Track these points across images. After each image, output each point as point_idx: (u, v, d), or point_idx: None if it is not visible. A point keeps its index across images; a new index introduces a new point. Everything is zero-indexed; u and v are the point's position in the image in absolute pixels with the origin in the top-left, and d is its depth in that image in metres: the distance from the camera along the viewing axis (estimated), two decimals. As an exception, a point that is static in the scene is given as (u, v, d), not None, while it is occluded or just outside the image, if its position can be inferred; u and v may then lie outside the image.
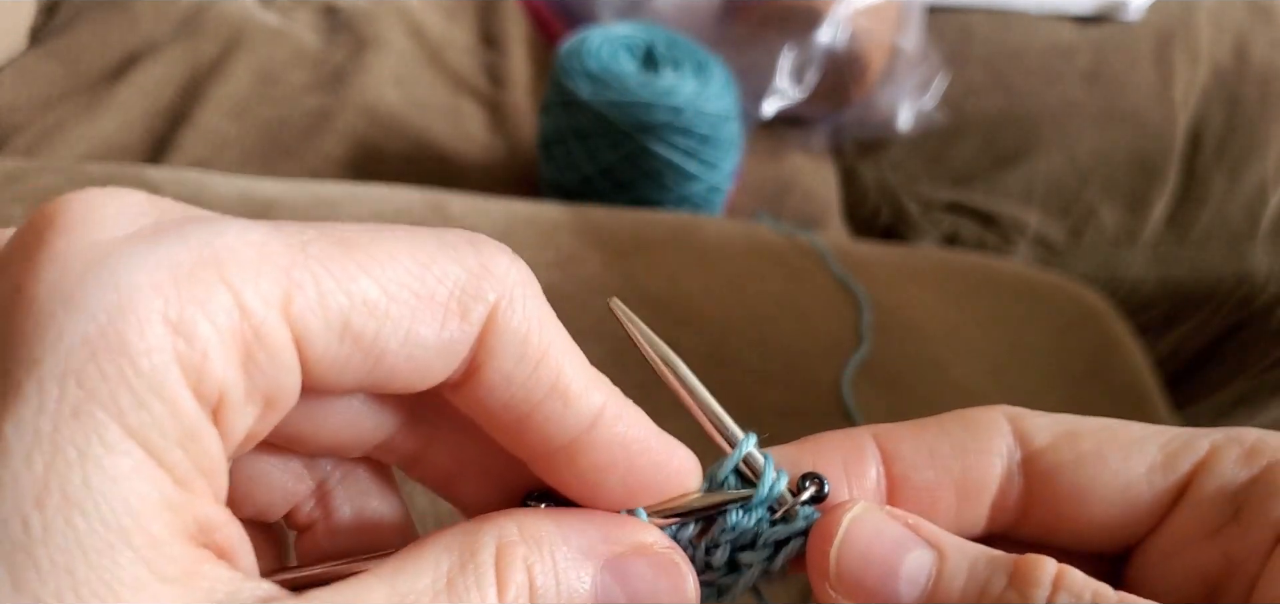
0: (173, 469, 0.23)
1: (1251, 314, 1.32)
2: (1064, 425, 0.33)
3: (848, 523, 0.30)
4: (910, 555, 0.30)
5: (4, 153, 1.10)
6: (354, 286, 0.25)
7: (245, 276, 0.24)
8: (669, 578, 0.30)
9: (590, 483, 0.30)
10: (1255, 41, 1.43)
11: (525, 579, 0.27)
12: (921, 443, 0.33)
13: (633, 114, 1.07)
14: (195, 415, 0.23)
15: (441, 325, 0.26)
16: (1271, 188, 1.33)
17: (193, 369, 0.23)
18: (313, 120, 1.21)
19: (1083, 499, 0.32)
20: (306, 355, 0.25)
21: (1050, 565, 0.28)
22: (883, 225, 1.37)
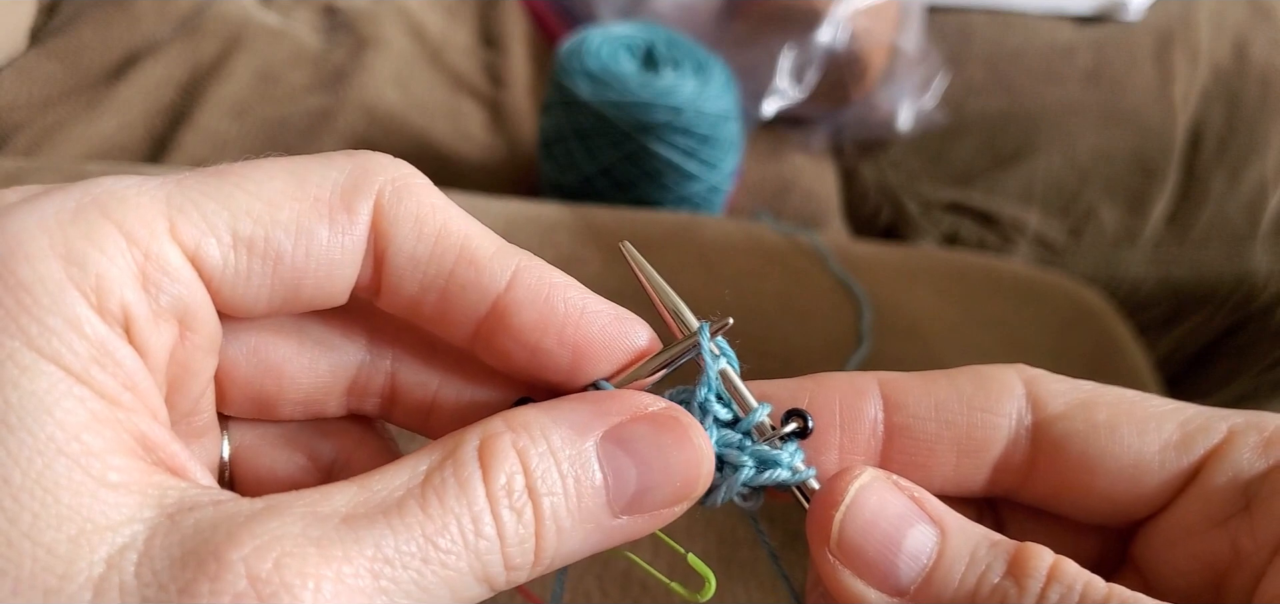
0: (94, 384, 0.24)
1: (1251, 314, 1.32)
2: (1081, 393, 0.32)
3: (855, 491, 0.30)
4: (913, 530, 0.29)
5: (4, 153, 1.10)
6: (234, 202, 0.27)
7: (126, 209, 0.26)
8: (673, 435, 0.30)
9: (532, 348, 0.30)
10: (1255, 41, 1.43)
11: (516, 465, 0.27)
12: (928, 395, 0.32)
13: (633, 114, 1.07)
14: (103, 333, 0.25)
15: (329, 220, 0.28)
16: (1271, 188, 1.33)
17: (90, 291, 0.24)
18: (313, 120, 1.21)
19: (1091, 471, 0.31)
20: (205, 270, 0.27)
21: (1046, 556, 0.28)
22: (883, 225, 1.37)
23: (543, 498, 0.27)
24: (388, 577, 0.25)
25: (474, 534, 0.26)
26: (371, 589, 0.24)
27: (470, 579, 0.26)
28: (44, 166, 0.91)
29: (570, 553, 0.28)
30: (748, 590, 0.67)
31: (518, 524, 0.27)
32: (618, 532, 0.29)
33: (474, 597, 0.27)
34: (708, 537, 0.69)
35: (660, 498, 0.29)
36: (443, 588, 0.26)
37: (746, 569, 0.68)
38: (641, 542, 0.30)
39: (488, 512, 0.26)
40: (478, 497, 0.26)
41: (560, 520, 0.27)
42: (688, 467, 0.29)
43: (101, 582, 0.22)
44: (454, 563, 0.26)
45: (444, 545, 0.26)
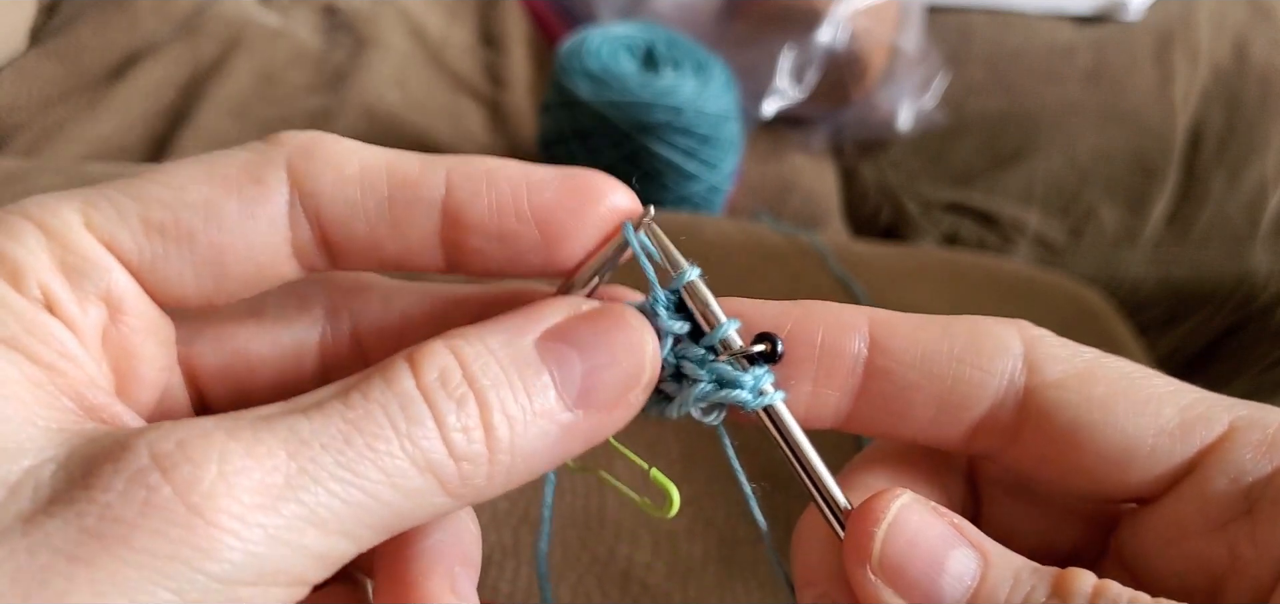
0: (25, 350, 0.26)
1: (1251, 314, 1.32)
2: (1082, 362, 0.31)
3: (897, 509, 0.29)
4: (955, 552, 0.29)
5: (4, 153, 1.10)
6: (145, 193, 0.29)
7: (43, 212, 0.28)
8: (610, 320, 0.29)
9: (498, 236, 0.30)
10: (1255, 41, 1.43)
11: (450, 358, 0.27)
12: (915, 342, 0.31)
13: (633, 114, 1.07)
14: (25, 306, 0.27)
15: (237, 194, 0.29)
16: (1271, 188, 1.33)
17: (7, 273, 0.27)
18: (313, 120, 1.21)
19: (1078, 447, 0.30)
20: (121, 253, 0.28)
21: (1089, 577, 0.27)
22: (883, 225, 1.37)
23: (486, 388, 0.27)
24: (305, 456, 0.24)
25: (404, 420, 0.26)
26: (287, 466, 0.24)
27: (408, 465, 0.26)
28: (44, 167, 0.91)
29: (531, 451, 0.27)
30: (747, 590, 0.67)
31: (459, 413, 0.26)
32: (578, 429, 0.28)
33: (422, 488, 0.26)
34: (708, 536, 0.69)
35: (610, 382, 0.29)
36: (375, 471, 0.25)
37: (746, 569, 0.68)
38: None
39: (419, 400, 0.26)
40: (406, 387, 0.26)
41: (507, 408, 0.27)
42: (631, 348, 0.29)
43: (16, 485, 0.23)
44: (384, 447, 0.25)
45: (370, 429, 0.25)
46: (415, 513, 0.26)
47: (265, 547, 0.23)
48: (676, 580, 0.66)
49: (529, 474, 0.28)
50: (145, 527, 0.23)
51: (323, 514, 0.24)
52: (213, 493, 0.23)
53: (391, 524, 0.26)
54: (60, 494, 0.23)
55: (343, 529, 0.25)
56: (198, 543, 0.23)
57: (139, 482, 0.23)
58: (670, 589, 0.66)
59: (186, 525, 0.23)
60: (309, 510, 0.24)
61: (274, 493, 0.24)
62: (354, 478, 0.25)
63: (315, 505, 0.24)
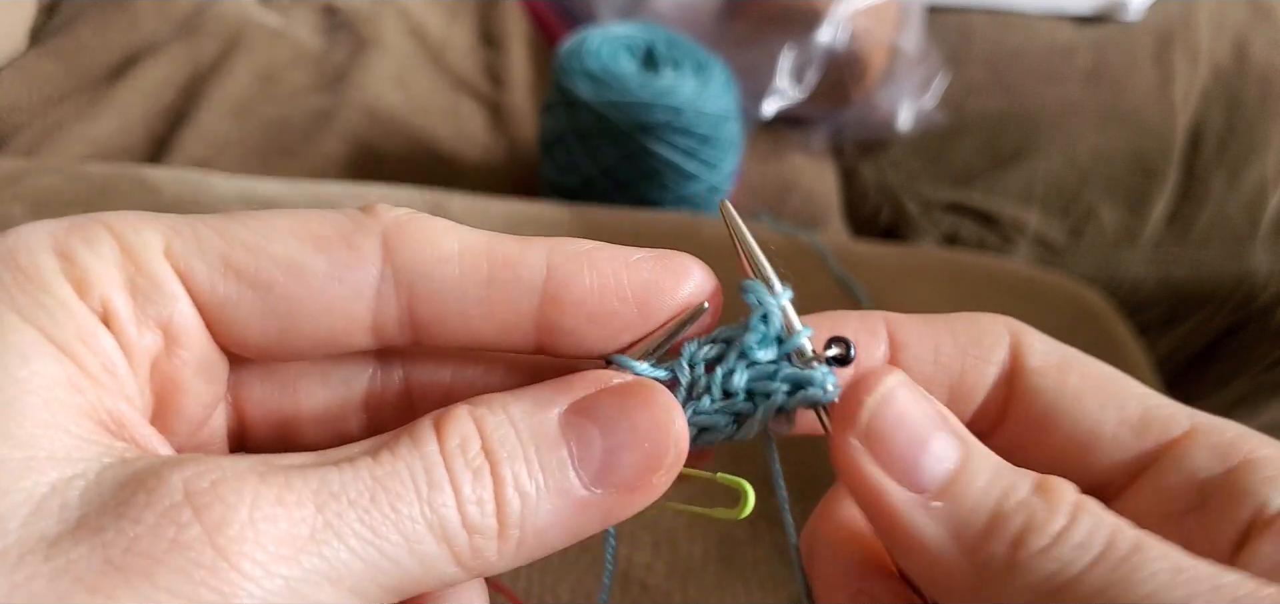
0: (74, 356, 0.26)
1: (1251, 314, 1.32)
2: (1060, 356, 0.33)
3: (892, 382, 0.30)
4: (940, 435, 0.29)
5: (4, 153, 1.10)
6: (231, 234, 0.28)
7: (125, 226, 0.28)
8: (637, 399, 0.29)
9: (597, 315, 0.30)
10: (1255, 41, 1.43)
11: (471, 428, 0.27)
12: (927, 338, 0.33)
13: (633, 114, 1.07)
14: (85, 314, 0.26)
15: (326, 254, 0.28)
16: (1271, 188, 1.33)
17: (74, 279, 0.26)
18: (313, 120, 1.21)
19: (1048, 430, 0.32)
20: (193, 285, 0.28)
21: (1072, 488, 0.28)
22: (883, 225, 1.37)
23: (501, 461, 0.27)
24: (332, 510, 0.24)
25: (426, 483, 0.26)
26: (314, 519, 0.24)
27: (426, 531, 0.26)
28: (44, 167, 0.91)
29: (543, 527, 0.27)
30: (747, 590, 0.67)
31: (474, 484, 0.26)
32: (594, 507, 0.28)
33: (435, 556, 0.26)
34: (708, 536, 0.69)
35: (630, 463, 0.28)
36: (394, 533, 0.25)
37: (746, 569, 0.68)
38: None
39: (441, 465, 0.26)
40: (430, 451, 0.26)
41: (521, 484, 0.27)
42: (655, 427, 0.29)
43: (42, 501, 0.23)
44: (406, 510, 0.25)
45: (394, 488, 0.25)
46: (425, 579, 0.26)
47: (283, 599, 0.23)
48: (676, 580, 0.66)
49: (541, 549, 0.28)
50: (170, 563, 0.22)
51: (341, 571, 0.24)
52: (241, 538, 0.23)
53: (402, 588, 0.26)
54: (88, 519, 0.23)
55: (356, 587, 0.25)
56: (220, 586, 0.23)
57: (170, 518, 0.23)
58: (670, 589, 0.66)
59: (211, 568, 0.23)
60: (329, 565, 0.24)
61: (298, 545, 0.24)
62: (374, 538, 0.25)
63: (335, 561, 0.24)
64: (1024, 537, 0.27)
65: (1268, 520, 0.29)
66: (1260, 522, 0.29)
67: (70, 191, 0.87)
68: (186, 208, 0.87)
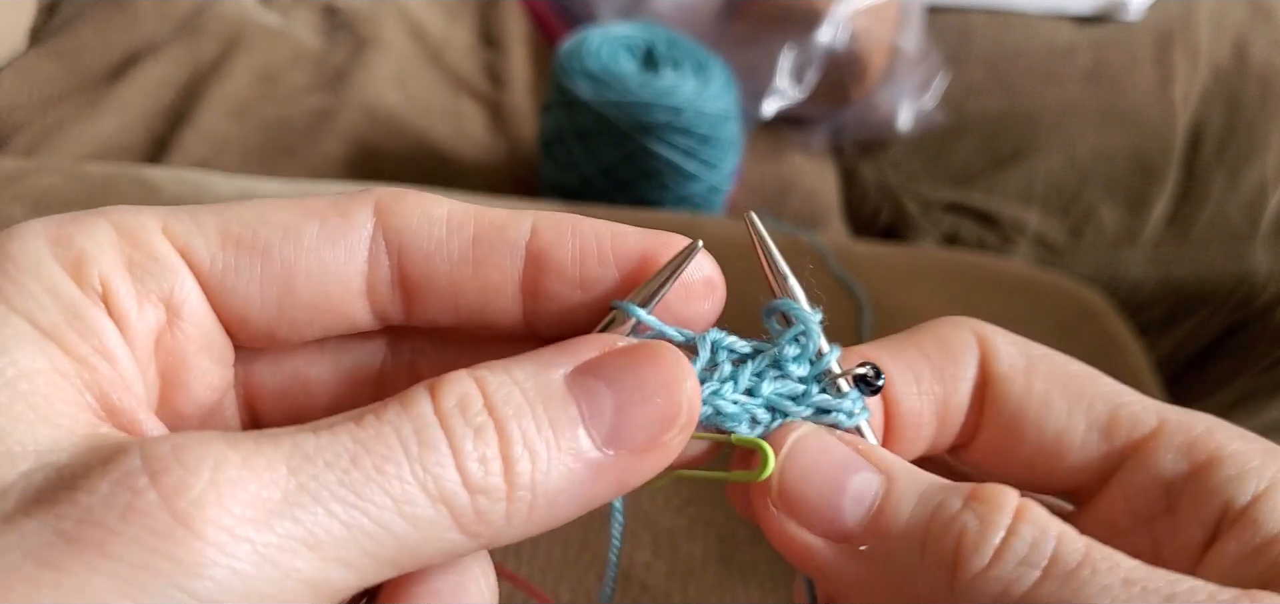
0: (62, 342, 0.25)
1: (1251, 314, 1.32)
2: (1027, 358, 0.32)
3: (793, 440, 0.29)
4: (857, 475, 0.29)
5: (4, 153, 1.10)
6: (225, 209, 0.29)
7: (122, 213, 0.28)
8: (652, 362, 0.28)
9: (580, 280, 0.29)
10: (1255, 41, 1.43)
11: (472, 387, 0.26)
12: (904, 366, 0.32)
13: (633, 114, 1.07)
14: (77, 297, 0.26)
15: (320, 221, 0.29)
16: (1271, 188, 1.33)
17: (69, 262, 0.26)
18: (313, 120, 1.21)
19: (1017, 436, 0.32)
20: (193, 260, 0.28)
21: (1012, 494, 0.27)
22: (883, 225, 1.37)
23: (507, 418, 0.25)
24: (307, 472, 0.23)
25: (417, 444, 0.24)
26: (287, 482, 0.23)
27: (418, 492, 0.24)
28: (44, 167, 0.92)
29: (554, 490, 0.26)
30: (747, 590, 0.67)
31: (476, 441, 0.25)
32: (607, 470, 0.27)
33: (431, 519, 0.24)
34: (708, 536, 0.69)
35: (642, 420, 0.27)
36: (380, 495, 0.23)
37: (746, 569, 0.68)
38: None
39: (435, 425, 0.25)
40: (422, 411, 0.25)
41: (530, 442, 0.25)
42: (667, 384, 0.27)
43: (7, 487, 0.22)
44: (393, 470, 0.24)
45: (379, 449, 0.24)
46: (424, 548, 0.25)
47: (253, 566, 0.22)
48: (676, 580, 0.66)
49: (552, 517, 0.26)
50: (124, 533, 0.21)
51: (321, 536, 0.23)
52: (201, 500, 0.22)
53: (398, 558, 0.24)
54: (45, 495, 0.22)
55: (342, 557, 0.23)
56: (178, 555, 0.21)
57: (124, 485, 0.22)
58: (670, 589, 0.66)
59: (168, 534, 0.21)
60: (306, 531, 0.23)
61: (268, 508, 0.22)
62: (357, 500, 0.23)
63: (313, 526, 0.23)
64: (961, 558, 0.26)
65: (1234, 517, 0.28)
66: (1227, 520, 0.29)
67: (70, 191, 0.87)
68: (186, 208, 0.87)
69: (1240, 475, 0.29)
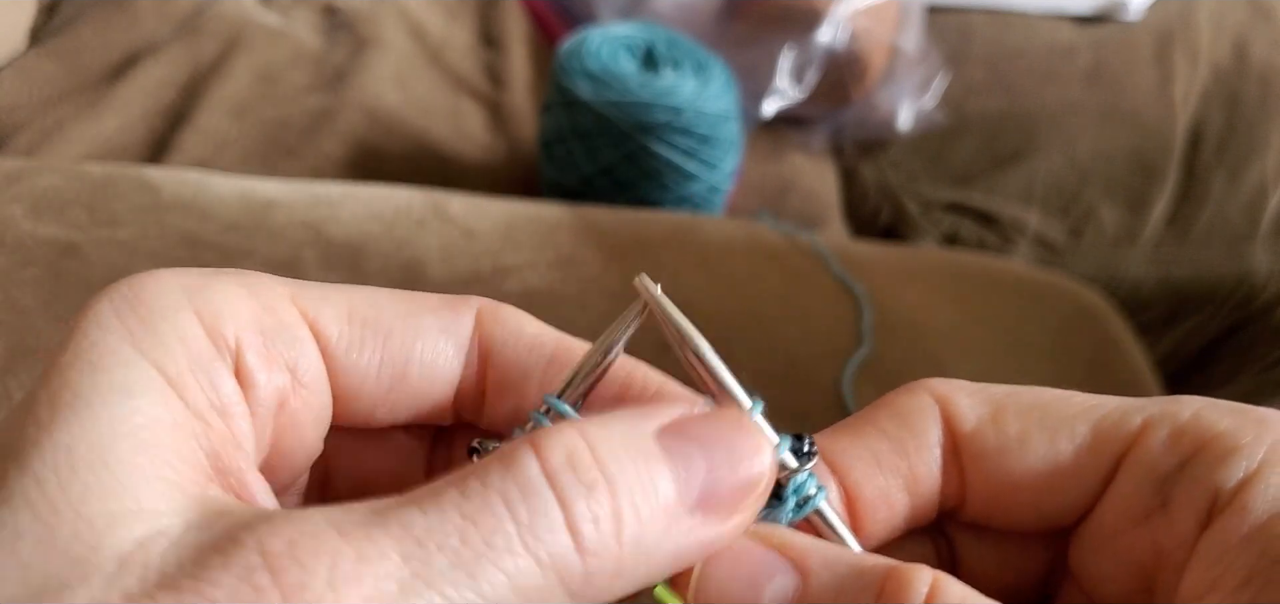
0: (185, 394, 0.26)
1: (1251, 314, 1.32)
2: (991, 405, 0.31)
3: (702, 561, 0.28)
4: (773, 580, 0.28)
5: (4, 153, 1.10)
6: (349, 289, 0.31)
7: (254, 279, 0.29)
8: (738, 429, 0.28)
9: None
10: (1255, 41, 1.43)
11: (580, 441, 0.25)
12: (864, 450, 0.31)
13: (633, 114, 1.07)
14: (208, 352, 0.27)
15: (435, 313, 0.31)
16: (1271, 188, 1.33)
17: (207, 315, 0.27)
18: (313, 120, 1.21)
19: (1011, 485, 0.31)
20: (321, 332, 0.30)
21: (924, 575, 0.26)
22: (883, 225, 1.37)
23: (614, 472, 0.25)
24: (419, 558, 0.22)
25: (526, 510, 0.23)
26: (400, 573, 0.22)
27: (532, 565, 0.23)
28: (44, 167, 0.91)
29: (650, 551, 0.25)
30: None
31: (589, 500, 0.24)
32: (696, 534, 0.26)
33: (544, 589, 0.24)
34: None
35: (732, 484, 0.27)
36: (494, 573, 0.23)
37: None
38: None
39: (544, 486, 0.24)
40: (530, 473, 0.24)
41: (636, 502, 0.25)
42: (753, 451, 0.27)
43: (127, 558, 0.22)
44: (503, 543, 0.23)
45: (488, 523, 0.23)
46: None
47: None
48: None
49: (646, 578, 0.26)
50: None
51: None
52: (320, 601, 0.21)
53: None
54: (168, 580, 0.22)
55: None
56: None
57: (247, 581, 0.22)
58: None
59: None
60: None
61: (386, 602, 0.22)
62: (471, 580, 0.23)
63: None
64: None
65: (1223, 505, 0.28)
66: (1217, 508, 0.28)
67: (70, 191, 0.87)
68: (186, 208, 0.87)
69: (1227, 457, 0.28)
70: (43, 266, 0.79)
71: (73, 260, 0.80)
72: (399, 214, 0.90)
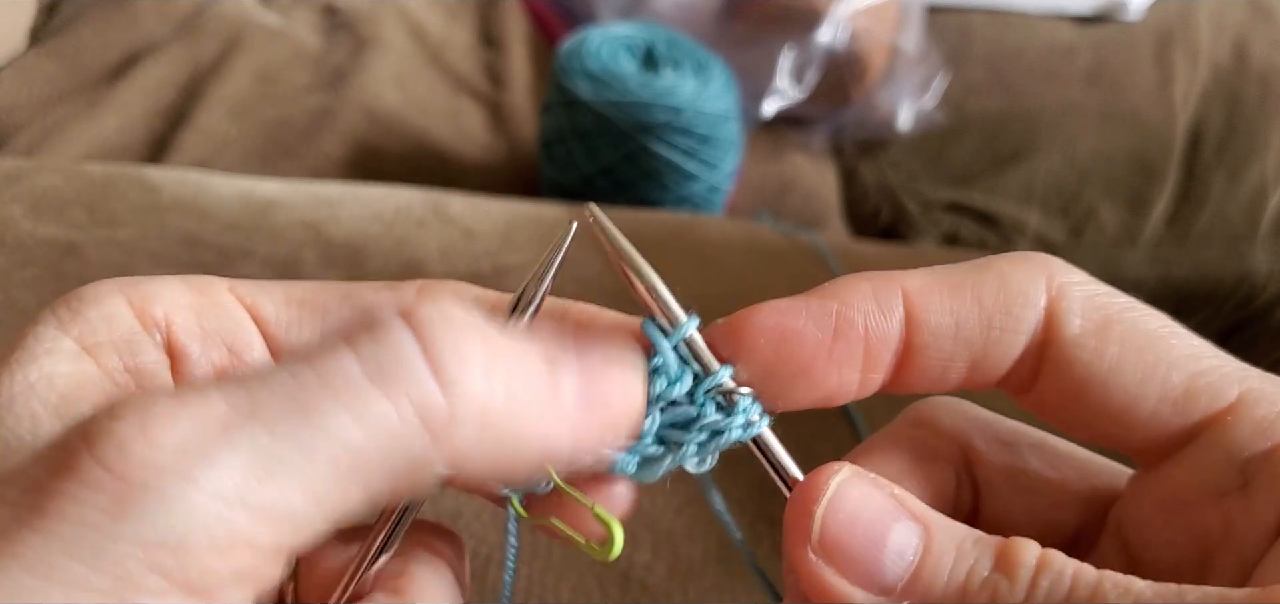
0: (98, 358, 0.28)
1: (1251, 314, 1.32)
2: (1102, 316, 0.30)
3: (836, 484, 0.29)
4: (897, 526, 0.28)
5: (4, 153, 1.10)
6: (289, 283, 0.32)
7: (200, 276, 0.31)
8: (616, 354, 0.29)
9: None
10: (1255, 41, 1.43)
11: (452, 300, 0.28)
12: (949, 313, 0.30)
13: (633, 114, 1.07)
14: (131, 325, 0.28)
15: (375, 290, 0.32)
16: (1271, 188, 1.33)
17: (137, 298, 0.29)
18: (313, 120, 1.21)
19: (1085, 403, 0.30)
20: (259, 317, 0.31)
21: (1033, 548, 0.27)
22: (883, 225, 1.37)
23: (490, 331, 0.25)
24: (246, 399, 0.22)
25: (376, 350, 0.23)
26: (225, 415, 0.22)
27: (378, 397, 0.23)
28: (44, 167, 0.91)
29: (520, 419, 0.25)
30: (748, 591, 0.67)
31: (458, 341, 0.24)
32: (569, 425, 0.26)
33: (399, 427, 0.23)
34: (708, 537, 0.69)
35: (603, 390, 0.27)
36: (332, 407, 0.22)
37: (747, 570, 0.68)
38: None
39: (403, 330, 0.24)
40: (391, 325, 0.24)
41: (510, 362, 0.25)
42: (625, 367, 0.29)
43: (4, 474, 0.23)
44: (342, 382, 0.22)
45: (327, 365, 0.23)
46: (390, 460, 0.23)
47: (197, 504, 0.21)
48: (676, 581, 0.66)
49: (512, 456, 0.25)
50: (56, 489, 0.21)
51: (268, 462, 0.21)
52: (126, 445, 0.21)
53: (363, 474, 0.23)
54: (7, 475, 0.23)
55: (299, 479, 0.22)
56: (107, 504, 0.20)
57: (62, 448, 0.22)
58: (670, 589, 0.66)
59: (97, 485, 0.21)
60: (249, 458, 0.21)
61: (205, 440, 0.21)
62: (303, 418, 0.22)
63: (257, 452, 0.21)
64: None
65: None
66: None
67: (70, 191, 0.87)
68: (186, 208, 0.87)
69: None
70: (43, 267, 0.79)
71: (73, 260, 0.80)
72: (399, 214, 0.90)
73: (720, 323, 0.31)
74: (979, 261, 0.31)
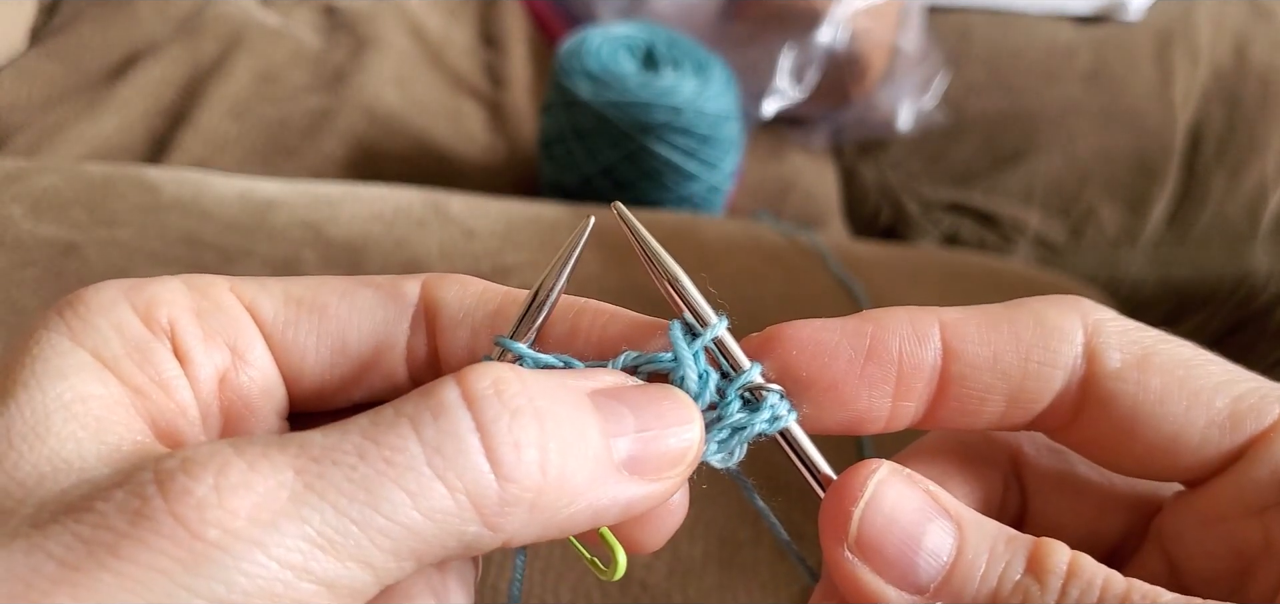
0: (121, 372, 0.28)
1: (1251, 314, 1.32)
2: (1141, 351, 0.30)
3: (873, 486, 0.29)
4: (932, 526, 0.28)
5: (4, 153, 1.10)
6: (291, 280, 0.32)
7: (194, 276, 0.31)
8: (669, 399, 0.29)
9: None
10: (1255, 41, 1.43)
11: (510, 374, 0.26)
12: (986, 345, 0.30)
13: (633, 114, 1.07)
14: (140, 332, 0.29)
15: (373, 289, 0.32)
16: (1271, 188, 1.33)
17: (140, 305, 0.29)
18: (313, 120, 1.21)
19: (1131, 435, 0.30)
20: (258, 315, 0.31)
21: (1064, 552, 0.28)
22: (883, 225, 1.37)
23: (543, 407, 0.25)
24: (313, 472, 0.23)
25: (435, 430, 0.24)
26: (293, 484, 0.23)
27: (437, 486, 0.23)
28: (44, 167, 0.91)
29: (573, 495, 0.25)
30: (748, 591, 0.67)
31: (511, 423, 0.24)
32: (620, 491, 0.27)
33: (449, 511, 0.24)
34: (708, 536, 0.69)
35: (660, 451, 0.28)
36: (393, 490, 0.23)
37: (747, 570, 0.68)
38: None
39: (461, 408, 0.24)
40: (447, 398, 0.24)
41: (564, 438, 0.25)
42: (682, 423, 0.28)
43: (45, 501, 0.24)
44: (404, 462, 0.23)
45: (389, 441, 0.23)
46: (444, 541, 0.24)
47: (263, 568, 0.22)
48: (676, 581, 0.66)
49: (569, 520, 0.26)
50: (133, 535, 0.22)
51: (332, 537, 0.23)
52: (203, 505, 0.22)
53: (418, 552, 0.24)
54: (73, 505, 0.23)
55: (358, 556, 0.23)
56: (182, 557, 0.22)
57: (135, 493, 0.23)
58: (670, 589, 0.66)
59: (172, 537, 0.22)
60: (316, 532, 0.23)
61: (275, 510, 0.23)
62: (368, 496, 0.23)
63: (322, 527, 0.23)
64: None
65: None
66: None
67: (70, 191, 0.87)
68: (186, 208, 0.87)
69: None
70: (43, 267, 0.79)
71: (73, 260, 0.80)
72: (399, 214, 0.90)
73: (754, 335, 0.32)
74: (1013, 302, 0.31)
